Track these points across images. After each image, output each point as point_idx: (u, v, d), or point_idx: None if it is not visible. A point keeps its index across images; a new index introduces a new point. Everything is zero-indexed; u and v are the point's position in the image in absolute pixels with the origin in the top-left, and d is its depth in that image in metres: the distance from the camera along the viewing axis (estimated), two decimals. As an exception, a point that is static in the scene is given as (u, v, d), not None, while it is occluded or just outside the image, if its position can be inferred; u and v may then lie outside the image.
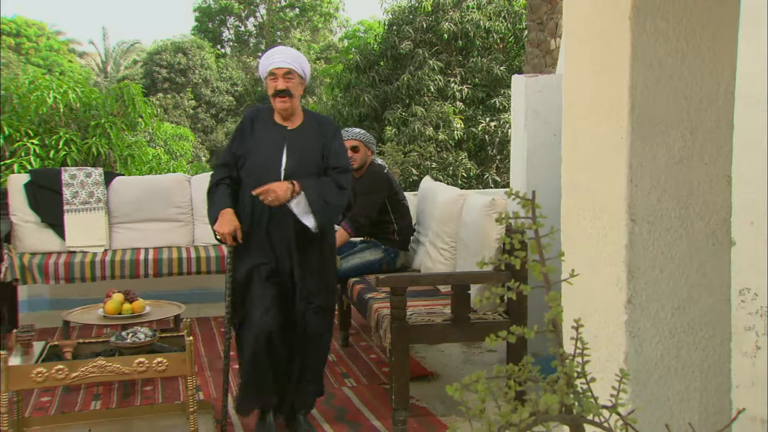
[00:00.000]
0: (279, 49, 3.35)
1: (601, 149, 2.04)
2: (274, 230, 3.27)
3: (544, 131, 4.11)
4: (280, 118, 3.35)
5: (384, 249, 4.51)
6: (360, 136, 4.56)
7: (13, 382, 3.01)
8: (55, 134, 7.86)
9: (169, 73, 27.16)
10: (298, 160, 3.26)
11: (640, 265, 2.01)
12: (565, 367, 1.31)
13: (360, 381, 4.09)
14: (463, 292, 3.49)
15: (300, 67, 3.29)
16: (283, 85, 3.24)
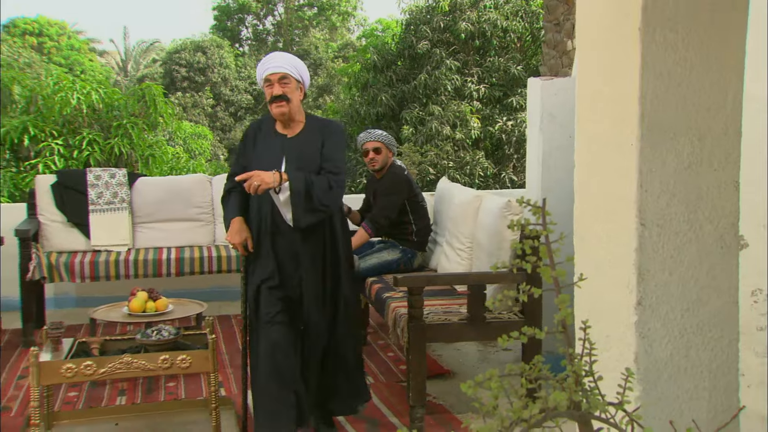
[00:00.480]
0: (273, 55, 3.27)
1: (612, 155, 2.10)
2: (280, 240, 3.22)
3: (559, 134, 4.17)
4: (281, 127, 3.29)
5: (402, 249, 4.59)
6: (382, 137, 4.65)
7: (44, 377, 3.13)
8: (78, 135, 8.02)
9: (188, 72, 27.39)
10: (297, 168, 3.17)
11: (650, 268, 2.07)
12: (573, 366, 1.39)
13: (378, 378, 4.17)
14: (479, 292, 3.57)
15: (296, 71, 3.22)
16: (279, 90, 3.16)
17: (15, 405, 3.74)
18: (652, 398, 2.13)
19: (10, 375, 4.20)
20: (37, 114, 8.22)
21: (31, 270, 4.71)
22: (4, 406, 3.72)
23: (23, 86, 8.45)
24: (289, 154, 3.20)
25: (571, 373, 1.36)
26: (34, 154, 7.94)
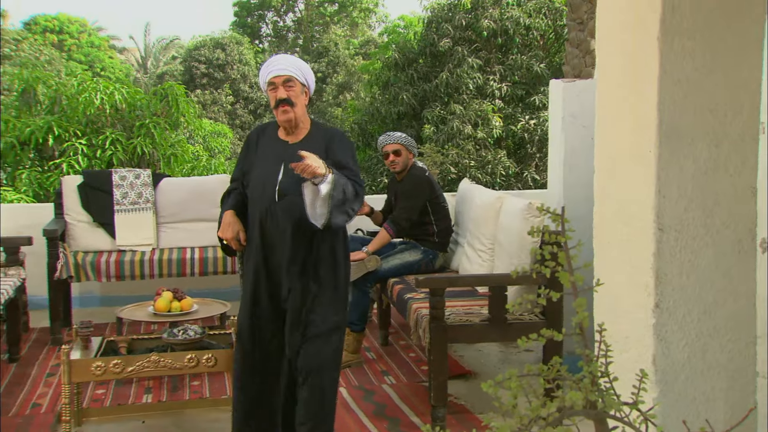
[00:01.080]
0: (277, 58, 3.14)
1: (631, 161, 2.18)
2: (270, 255, 3.07)
3: (581, 135, 4.23)
4: (284, 133, 3.16)
5: (423, 250, 4.68)
6: (401, 139, 4.74)
7: (74, 374, 3.26)
8: (101, 134, 8.19)
9: (208, 69, 27.63)
10: (294, 178, 2.97)
11: (668, 272, 2.14)
12: (590, 367, 1.47)
13: (399, 379, 4.27)
14: (500, 293, 3.65)
15: (301, 74, 3.09)
16: (284, 94, 3.03)
17: (45, 402, 3.88)
18: (669, 399, 2.21)
19: (39, 372, 4.34)
20: (61, 114, 8.41)
21: (58, 269, 4.85)
22: (35, 402, 3.86)
23: (48, 86, 8.63)
24: (287, 161, 3.02)
25: (587, 374, 1.44)
26: (59, 153, 8.12)
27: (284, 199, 3.03)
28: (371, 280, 4.55)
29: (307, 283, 3.05)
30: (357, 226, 5.41)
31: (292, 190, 3.00)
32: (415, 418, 3.68)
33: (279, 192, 3.03)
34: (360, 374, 4.33)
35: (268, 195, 3.04)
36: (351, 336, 4.45)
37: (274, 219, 3.04)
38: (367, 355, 4.68)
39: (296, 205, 2.98)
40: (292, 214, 3.00)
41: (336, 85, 26.97)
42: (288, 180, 3.02)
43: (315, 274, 3.06)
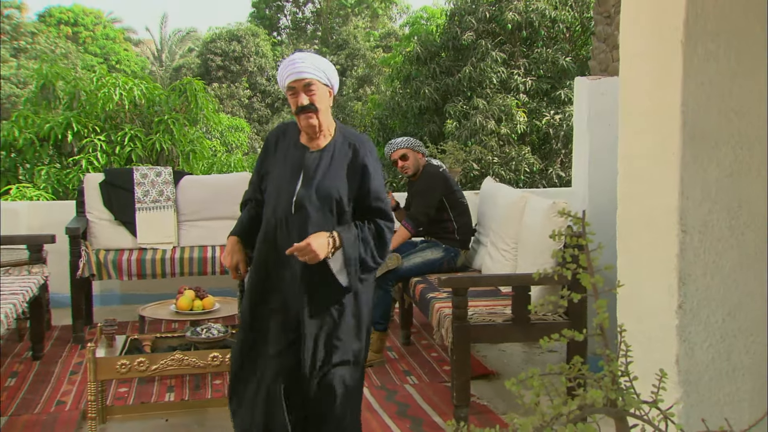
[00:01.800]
0: (295, 58, 2.90)
1: (654, 163, 2.26)
2: (275, 271, 2.91)
3: (606, 133, 4.29)
4: (306, 138, 2.96)
5: (444, 248, 4.77)
6: (404, 143, 4.86)
7: (100, 372, 3.39)
8: (120, 130, 8.35)
9: (224, 62, 27.81)
10: (313, 187, 2.86)
11: (691, 273, 2.22)
12: (610, 366, 1.56)
13: (422, 378, 4.36)
14: (524, 293, 3.73)
15: (324, 75, 2.89)
16: (306, 100, 2.84)
17: (69, 399, 4.01)
18: (692, 400, 2.28)
19: (63, 370, 4.49)
20: (80, 110, 8.58)
21: (80, 267, 5.00)
22: (59, 400, 4.00)
23: (66, 82, 8.80)
24: (307, 172, 2.88)
25: (607, 373, 1.53)
26: (77, 150, 8.29)
27: (300, 212, 2.85)
28: (392, 278, 4.64)
29: (320, 307, 2.87)
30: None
31: (309, 203, 2.85)
32: (438, 418, 3.77)
33: (296, 204, 2.86)
34: (382, 374, 4.43)
35: (283, 206, 2.87)
36: (374, 335, 4.55)
37: (287, 233, 2.85)
38: (389, 355, 4.78)
39: (312, 220, 2.84)
40: (306, 230, 2.82)
41: (356, 79, 27.06)
42: (306, 191, 2.86)
43: (328, 297, 2.88)
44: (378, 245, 2.93)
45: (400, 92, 14.93)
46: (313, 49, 31.20)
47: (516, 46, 13.83)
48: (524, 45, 13.98)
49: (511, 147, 12.93)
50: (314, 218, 2.84)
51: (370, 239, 2.90)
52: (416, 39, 15.27)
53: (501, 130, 12.81)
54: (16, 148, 8.25)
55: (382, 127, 15.03)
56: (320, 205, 2.85)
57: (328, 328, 2.88)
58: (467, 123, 12.87)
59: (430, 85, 13.84)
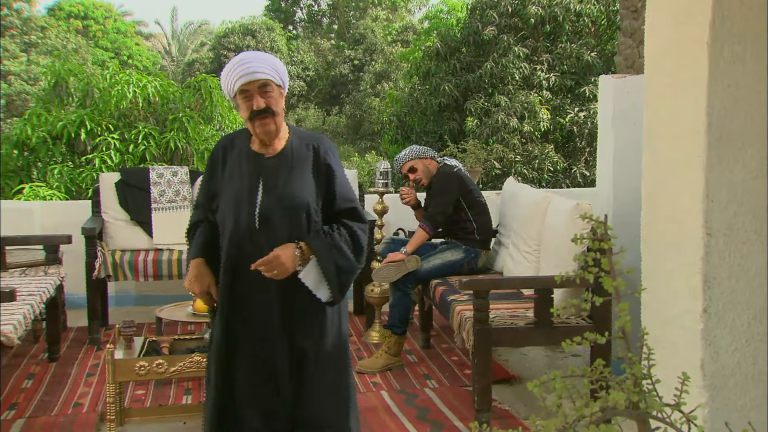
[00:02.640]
0: (246, 57, 2.69)
1: (679, 166, 2.31)
2: (246, 302, 2.73)
3: (631, 132, 4.33)
4: (258, 144, 2.76)
5: (465, 249, 4.83)
6: (409, 155, 4.93)
7: (118, 374, 3.48)
8: (134, 129, 8.48)
9: (237, 57, 27.93)
10: (278, 197, 2.69)
11: (716, 276, 2.27)
12: (632, 369, 1.62)
13: (442, 382, 4.43)
14: (547, 295, 3.79)
15: (277, 75, 2.71)
16: (262, 103, 2.65)
17: (86, 401, 4.12)
18: (718, 404, 2.34)
19: (79, 372, 4.59)
20: (93, 107, 8.72)
21: (96, 268, 5.11)
22: (76, 402, 4.10)
23: (79, 79, 8.94)
24: (267, 180, 2.71)
25: (629, 376, 1.59)
26: (91, 148, 8.42)
27: (266, 226, 2.67)
28: (412, 281, 4.71)
29: (296, 339, 2.72)
30: (398, 225, 5.58)
31: (275, 214, 2.68)
32: (459, 422, 3.83)
33: (260, 216, 2.67)
34: (401, 378, 4.50)
35: (245, 221, 2.67)
36: (392, 338, 4.63)
37: (254, 251, 2.64)
38: (409, 358, 4.85)
39: (281, 232, 2.67)
40: (276, 245, 2.64)
41: (373, 74, 27.13)
42: (270, 201, 2.68)
43: (307, 326, 2.74)
44: (354, 250, 2.76)
45: (419, 88, 14.99)
46: (330, 43, 31.31)
47: (539, 41, 13.85)
48: (548, 40, 13.99)
49: (534, 145, 12.96)
50: (283, 230, 2.67)
51: (342, 245, 2.72)
52: (436, 34, 15.34)
53: (523, 128, 12.84)
54: (29, 147, 8.40)
55: (401, 124, 15.10)
56: (288, 214, 2.68)
57: (302, 363, 2.73)
58: (488, 120, 12.91)
59: (450, 81, 13.89)
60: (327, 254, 2.68)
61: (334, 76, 29.29)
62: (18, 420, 3.84)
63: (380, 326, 5.23)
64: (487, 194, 5.37)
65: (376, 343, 5.12)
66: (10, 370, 4.52)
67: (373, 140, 24.84)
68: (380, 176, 5.29)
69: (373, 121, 24.35)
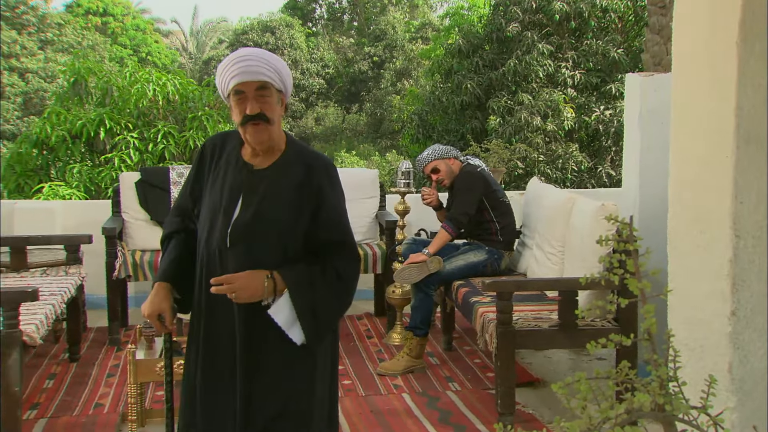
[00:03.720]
0: (246, 54, 2.44)
1: (707, 167, 2.33)
2: (212, 328, 2.49)
3: (659, 131, 4.34)
4: (249, 153, 2.51)
5: (488, 250, 4.85)
6: (432, 155, 4.94)
7: (140, 374, 3.54)
8: (153, 127, 8.58)
9: (256, 54, 28.07)
10: (255, 214, 2.42)
11: (745, 279, 2.29)
12: (658, 371, 1.64)
13: (464, 385, 4.45)
14: (571, 297, 3.81)
15: (278, 78, 2.45)
16: (257, 108, 2.39)
17: (107, 402, 4.18)
18: (747, 408, 2.35)
19: (100, 372, 4.67)
20: (112, 106, 8.83)
21: (117, 268, 5.19)
22: (97, 402, 4.18)
23: (99, 77, 9.06)
24: (248, 195, 2.45)
25: (655, 378, 1.62)
26: (110, 147, 8.53)
27: (237, 246, 2.41)
28: (434, 282, 4.74)
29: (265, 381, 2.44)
30: (420, 226, 5.62)
31: (248, 235, 2.41)
32: (482, 426, 3.86)
33: (231, 235, 2.41)
34: (423, 380, 4.53)
35: (216, 241, 2.43)
36: (414, 341, 4.66)
37: (221, 273, 2.40)
38: (430, 361, 4.88)
39: (254, 259, 2.40)
40: (244, 269, 2.38)
41: (394, 72, 27.17)
42: (246, 217, 2.42)
43: (276, 366, 2.45)
44: (338, 290, 2.48)
45: (440, 86, 15.02)
46: (350, 40, 31.40)
47: (564, 37, 13.82)
48: (573, 36, 13.96)
49: (558, 144, 12.94)
50: (256, 254, 2.40)
51: (321, 282, 2.44)
52: (458, 30, 15.34)
53: (547, 127, 12.83)
54: (48, 146, 8.52)
55: (422, 123, 15.13)
56: (263, 238, 2.42)
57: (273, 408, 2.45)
58: (511, 119, 12.91)
59: (472, 79, 13.90)
60: (302, 290, 2.40)
61: (354, 73, 29.36)
62: (40, 419, 3.92)
63: (401, 328, 5.26)
64: (510, 194, 5.39)
65: (398, 345, 5.16)
66: (31, 370, 4.61)
67: (393, 139, 24.89)
68: (402, 176, 5.33)
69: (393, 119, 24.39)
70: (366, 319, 5.93)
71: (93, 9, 32.78)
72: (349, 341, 5.32)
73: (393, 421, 3.90)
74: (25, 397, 4.17)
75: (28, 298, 3.50)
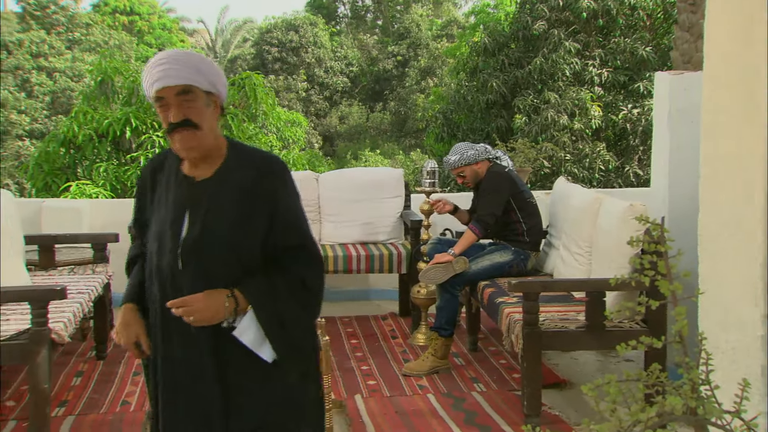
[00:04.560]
0: (163, 57, 2.26)
1: (739, 166, 2.31)
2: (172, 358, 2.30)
3: (689, 131, 4.30)
4: (188, 165, 2.33)
5: (514, 251, 4.83)
6: (458, 162, 4.91)
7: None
8: (178, 126, 8.64)
9: (280, 53, 28.21)
10: (202, 232, 2.24)
11: (778, 281, 2.26)
12: (690, 374, 1.63)
13: (489, 386, 4.45)
14: (599, 298, 3.79)
15: (203, 79, 2.26)
16: (180, 115, 2.21)
17: (133, 400, 4.23)
18: (781, 413, 2.32)
19: (126, 371, 4.72)
20: (138, 105, 8.92)
21: (143, 267, 5.23)
22: (124, 400, 4.22)
23: (125, 77, 9.15)
24: (194, 209, 2.27)
25: (687, 381, 1.61)
26: (135, 146, 8.62)
27: (190, 267, 2.23)
28: (460, 282, 4.74)
29: (239, 400, 2.27)
30: (445, 226, 5.61)
31: (199, 254, 2.23)
32: (507, 427, 3.85)
33: (182, 255, 2.23)
34: (448, 381, 4.53)
35: (167, 263, 2.25)
36: (439, 341, 4.66)
37: (176, 297, 2.21)
38: (456, 361, 4.88)
39: (210, 278, 2.22)
40: (202, 290, 2.20)
41: (418, 70, 27.16)
42: (196, 236, 2.24)
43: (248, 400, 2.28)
44: (301, 297, 2.31)
45: (465, 85, 14.99)
46: (374, 38, 31.43)
47: (591, 35, 13.74)
48: (600, 34, 13.88)
49: (585, 143, 12.87)
50: (211, 273, 2.22)
51: (285, 291, 2.28)
52: (483, 29, 15.30)
53: (574, 126, 12.76)
54: (76, 145, 8.63)
55: (447, 121, 15.11)
56: (216, 254, 2.24)
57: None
58: (537, 118, 12.86)
59: (497, 77, 13.87)
60: (266, 304, 2.23)
61: (378, 71, 29.41)
62: (68, 417, 3.97)
63: (426, 328, 5.26)
64: (536, 194, 5.36)
65: (422, 345, 5.16)
66: (59, 368, 4.67)
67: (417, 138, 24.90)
68: (427, 176, 5.32)
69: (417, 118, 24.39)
70: (390, 319, 5.93)
71: (120, 8, 33.11)
72: (374, 341, 5.33)
73: (418, 422, 3.90)
74: (53, 395, 4.22)
75: (56, 296, 3.55)
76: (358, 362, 4.87)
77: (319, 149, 25.46)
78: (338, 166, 20.54)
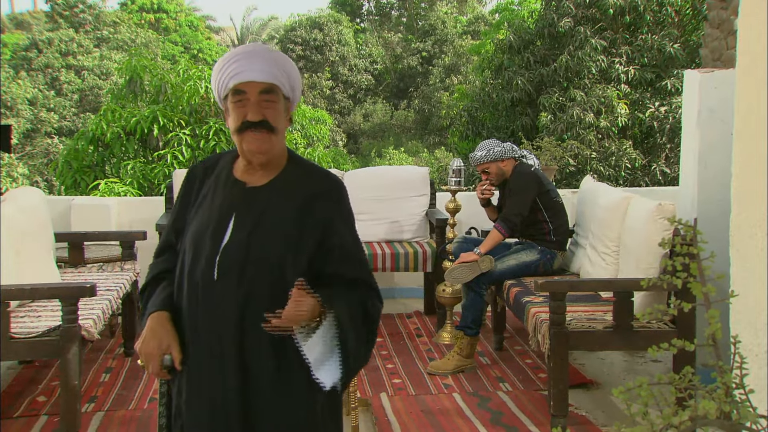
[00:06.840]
0: (249, 50, 2.10)
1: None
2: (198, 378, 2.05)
3: (719, 130, 4.25)
4: (241, 170, 2.14)
5: (540, 250, 4.81)
6: (484, 158, 4.88)
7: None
8: (205, 124, 8.71)
9: (304, 51, 28.29)
10: (245, 244, 2.03)
11: (812, 283, 2.23)
12: (723, 378, 1.61)
13: (515, 386, 4.43)
14: (626, 299, 3.75)
15: (287, 83, 2.10)
16: (259, 114, 2.03)
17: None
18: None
19: (153, 366, 4.76)
20: (165, 103, 8.99)
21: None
22: (151, 397, 4.26)
23: (153, 75, 9.23)
24: (241, 215, 2.07)
25: (720, 385, 1.59)
26: (163, 144, 8.69)
27: (226, 279, 2.01)
28: (485, 281, 4.72)
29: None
30: (470, 224, 5.59)
31: (238, 266, 2.01)
32: (534, 428, 3.83)
33: (220, 264, 2.01)
34: (474, 380, 4.52)
35: (201, 270, 2.03)
36: (465, 340, 4.65)
37: (207, 315, 2.02)
38: (481, 360, 4.87)
39: (245, 294, 2.00)
40: (234, 307, 1.99)
41: (443, 68, 27.09)
42: (239, 239, 2.03)
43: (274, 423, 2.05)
44: (371, 331, 2.10)
45: (490, 83, 14.94)
46: (399, 36, 31.40)
47: (618, 32, 13.62)
48: (627, 31, 13.75)
49: (611, 141, 12.77)
50: (250, 288, 2.00)
51: (358, 317, 2.04)
52: (508, 26, 15.23)
53: (600, 123, 12.67)
54: (104, 142, 8.71)
55: (471, 119, 15.07)
56: (261, 267, 2.01)
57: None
58: (563, 116, 12.78)
59: (523, 75, 13.79)
60: (349, 320, 1.99)
61: (402, 69, 29.38)
62: (97, 413, 4.01)
63: (452, 327, 5.25)
64: (563, 193, 5.33)
65: (448, 344, 5.15)
66: (88, 365, 4.71)
67: (441, 135, 24.84)
68: (453, 174, 5.31)
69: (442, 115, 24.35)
70: (416, 318, 5.93)
71: (146, 6, 33.36)
72: (399, 340, 5.33)
73: (444, 421, 3.90)
74: (82, 391, 4.26)
75: (86, 293, 3.58)
76: (383, 360, 4.87)
77: (344, 147, 25.52)
78: (362, 164, 20.58)
